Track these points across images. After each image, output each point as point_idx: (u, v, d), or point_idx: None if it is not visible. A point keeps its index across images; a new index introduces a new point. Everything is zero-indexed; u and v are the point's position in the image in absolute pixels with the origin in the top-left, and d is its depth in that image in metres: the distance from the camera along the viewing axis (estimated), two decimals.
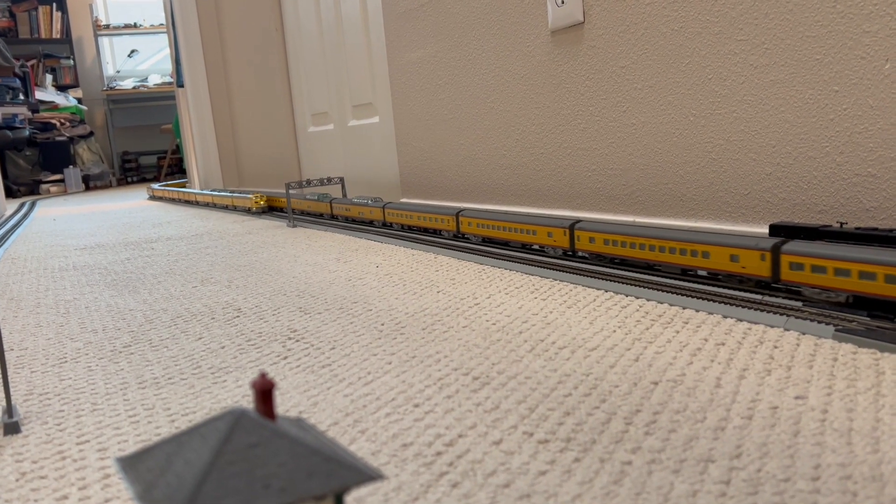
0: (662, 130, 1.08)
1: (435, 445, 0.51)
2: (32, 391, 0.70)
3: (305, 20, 2.49)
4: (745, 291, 0.80)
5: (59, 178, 5.63)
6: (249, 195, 2.37)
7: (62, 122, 5.84)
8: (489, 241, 1.27)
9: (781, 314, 0.71)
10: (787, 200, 0.91)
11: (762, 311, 0.73)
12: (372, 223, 1.68)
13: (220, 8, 3.17)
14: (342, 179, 1.97)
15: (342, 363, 0.71)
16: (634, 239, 0.92)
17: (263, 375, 0.30)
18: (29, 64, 5.81)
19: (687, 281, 0.87)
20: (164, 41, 5.95)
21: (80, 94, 6.26)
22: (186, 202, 3.12)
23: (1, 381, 0.61)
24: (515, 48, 1.38)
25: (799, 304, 0.74)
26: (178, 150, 5.64)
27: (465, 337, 0.77)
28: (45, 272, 1.46)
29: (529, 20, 1.33)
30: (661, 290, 0.85)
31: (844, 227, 0.77)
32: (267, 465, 0.28)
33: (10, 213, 3.58)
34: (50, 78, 6.11)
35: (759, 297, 0.78)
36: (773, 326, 0.71)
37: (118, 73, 6.62)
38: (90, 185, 5.88)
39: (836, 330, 0.65)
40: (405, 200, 1.89)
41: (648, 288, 0.87)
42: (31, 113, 5.60)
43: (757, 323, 0.72)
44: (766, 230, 0.88)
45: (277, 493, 0.27)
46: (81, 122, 6.01)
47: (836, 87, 0.83)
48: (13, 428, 0.59)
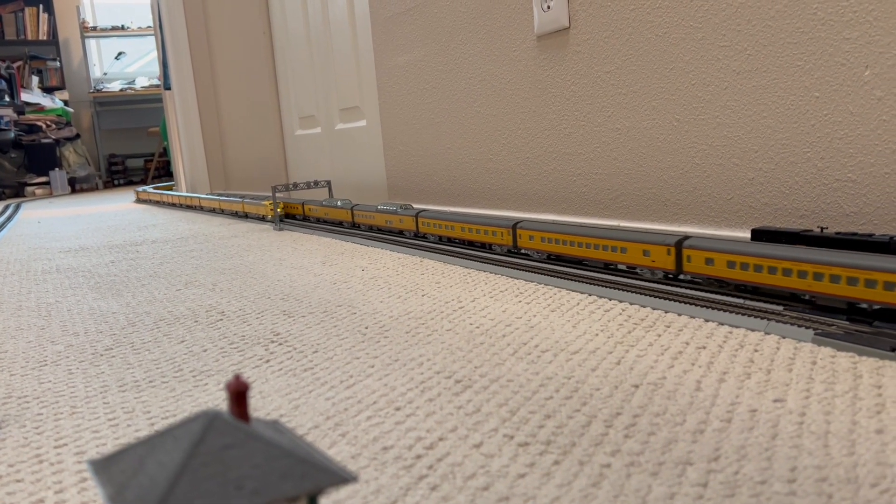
0: (646, 135, 1.08)
1: (415, 448, 0.51)
2: (11, 394, 0.69)
3: (293, 23, 2.49)
4: (726, 295, 0.80)
5: (44, 180, 5.59)
6: (263, 201, 2.13)
7: (48, 124, 5.80)
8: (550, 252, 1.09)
9: (762, 318, 0.72)
10: (769, 205, 0.92)
11: (743, 314, 0.74)
12: (402, 234, 1.49)
13: (207, 10, 3.17)
14: (329, 183, 1.97)
15: (324, 366, 0.71)
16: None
17: (238, 377, 0.30)
18: (15, 65, 5.77)
19: (669, 285, 0.87)
20: (151, 43, 5.93)
21: (66, 96, 6.22)
22: (189, 207, 2.90)
23: None
24: (502, 53, 1.39)
25: (780, 308, 0.74)
26: (165, 152, 5.61)
27: (448, 340, 0.77)
28: (28, 275, 1.45)
29: (515, 25, 1.33)
30: (643, 293, 0.86)
31: (825, 231, 0.78)
32: (240, 466, 0.28)
33: None
34: (36, 80, 6.07)
35: (740, 301, 0.78)
36: (753, 330, 0.71)
37: (105, 75, 6.58)
38: (76, 187, 5.84)
39: (815, 334, 0.66)
40: (442, 208, 1.66)
41: (631, 292, 0.87)
42: (16, 115, 5.56)
43: (738, 327, 0.73)
44: (748, 235, 0.89)
45: (250, 494, 0.27)
46: (68, 124, 5.97)
47: (816, 93, 0.84)
48: None
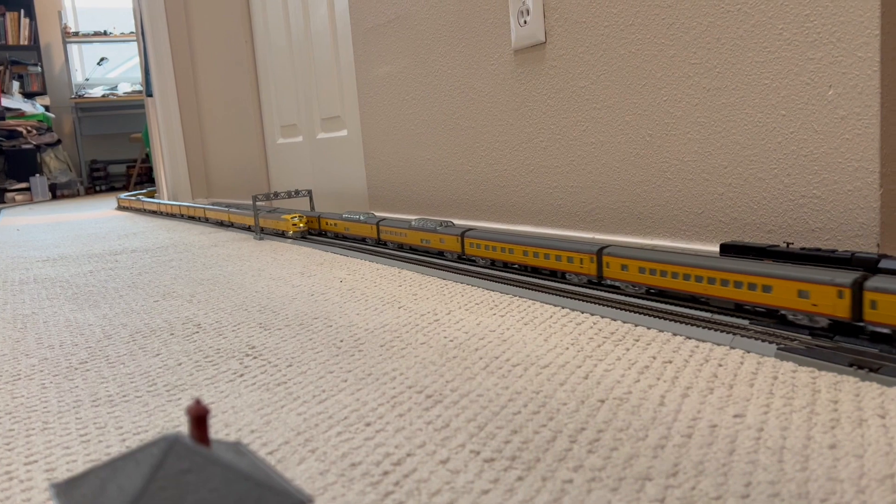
0: (620, 150, 1.10)
1: (383, 465, 0.52)
2: None
3: (275, 33, 2.49)
4: (694, 309, 0.82)
5: (24, 186, 5.54)
6: (283, 215, 1.84)
7: (29, 129, 5.75)
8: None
9: (728, 332, 0.73)
10: (738, 220, 0.93)
11: (710, 329, 0.75)
12: (441, 254, 1.31)
13: (190, 17, 3.16)
14: (310, 192, 1.97)
15: (298, 381, 0.72)
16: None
17: (198, 402, 0.31)
18: None
19: (641, 298, 0.89)
20: (134, 49, 5.90)
21: (47, 101, 6.17)
22: (191, 218, 2.67)
23: None
24: (480, 66, 1.40)
25: (745, 322, 0.76)
26: (147, 158, 5.59)
27: (422, 354, 0.78)
28: (4, 285, 1.44)
29: (493, 39, 1.35)
30: (615, 307, 0.87)
31: (790, 246, 0.80)
32: (198, 490, 0.28)
33: None
34: (17, 85, 6.02)
35: (708, 314, 0.80)
36: (719, 345, 0.73)
37: (87, 80, 6.54)
38: (57, 193, 5.79)
39: (778, 348, 0.68)
40: (488, 224, 1.44)
41: (603, 305, 0.89)
42: None
43: (705, 341, 0.74)
44: (717, 249, 0.91)
45: None
46: (49, 129, 5.92)
47: (783, 111, 0.86)
48: None
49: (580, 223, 1.20)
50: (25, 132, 5.68)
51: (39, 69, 6.23)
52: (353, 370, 0.74)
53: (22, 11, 6.11)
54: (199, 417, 0.31)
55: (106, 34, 6.42)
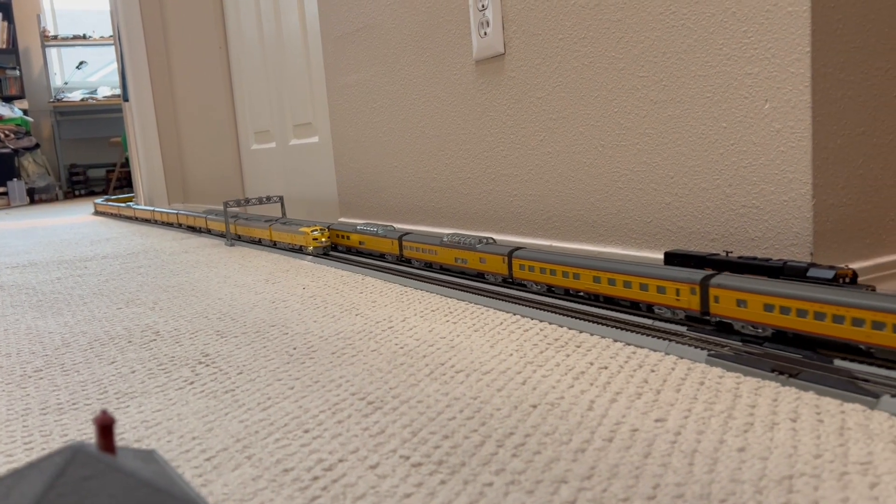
0: (575, 159, 1.12)
1: (314, 470, 0.54)
2: None
3: (249, 39, 2.51)
4: (636, 316, 0.84)
5: (2, 190, 5.50)
6: (300, 227, 1.59)
7: (7, 133, 5.71)
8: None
9: (665, 339, 0.76)
10: (684, 229, 0.96)
11: (648, 335, 0.78)
12: (482, 276, 1.11)
13: (166, 24, 3.17)
14: (282, 198, 1.99)
15: (246, 388, 0.74)
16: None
17: (104, 412, 0.33)
18: None
19: (588, 305, 0.91)
20: (114, 53, 5.88)
21: (26, 105, 6.14)
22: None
23: None
24: (444, 76, 1.42)
25: (683, 328, 0.78)
26: (127, 163, 5.57)
27: (371, 361, 0.80)
28: None
29: (456, 49, 1.37)
30: (562, 313, 0.90)
31: (729, 255, 0.82)
32: (97, 496, 0.30)
33: None
34: None
35: (649, 321, 0.82)
36: (655, 351, 0.75)
37: (66, 84, 6.51)
38: (35, 198, 5.76)
39: (708, 355, 0.70)
40: (538, 241, 1.23)
41: (552, 311, 0.91)
42: None
43: (642, 347, 0.77)
44: (662, 257, 0.94)
45: None
46: (27, 133, 5.89)
47: (724, 123, 0.89)
48: None
49: (538, 231, 1.23)
50: (3, 136, 5.65)
51: (18, 73, 6.19)
52: (301, 377, 0.76)
53: (0, 15, 6.07)
54: (104, 427, 0.32)
55: (85, 38, 6.40)
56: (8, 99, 6.10)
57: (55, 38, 6.36)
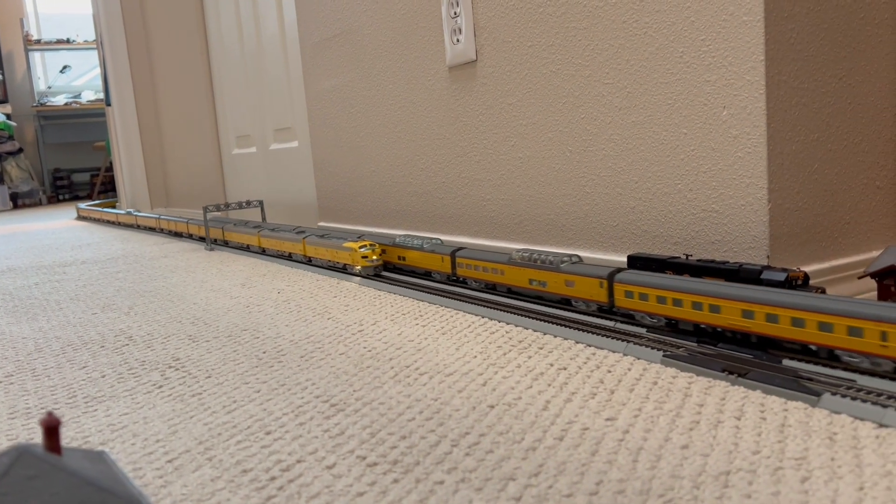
0: (544, 165, 1.14)
1: (272, 471, 0.55)
2: None
3: (229, 45, 2.52)
4: (598, 318, 0.86)
5: None
6: (345, 241, 1.34)
7: None
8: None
9: (624, 340, 0.78)
10: (648, 232, 0.98)
11: (608, 337, 0.79)
12: (567, 302, 0.93)
13: (148, 29, 3.17)
14: (261, 203, 2.00)
15: (213, 392, 0.75)
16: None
17: (50, 414, 0.34)
18: None
19: (557, 308, 0.93)
20: (97, 57, 5.86)
21: (9, 109, 6.10)
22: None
23: None
24: (419, 82, 1.44)
25: (643, 330, 0.80)
26: (111, 167, 5.54)
27: (338, 364, 0.82)
28: None
29: (430, 55, 1.39)
30: (528, 316, 0.91)
31: (689, 258, 0.84)
32: (41, 495, 0.32)
33: None
34: None
35: (611, 323, 0.84)
36: (614, 352, 0.77)
37: (50, 88, 6.48)
38: (18, 202, 5.73)
39: (663, 355, 0.72)
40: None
41: (518, 314, 0.93)
42: None
43: (602, 348, 0.79)
44: (625, 260, 0.95)
45: None
46: (10, 138, 5.86)
47: (684, 129, 0.91)
48: None
49: (511, 234, 1.25)
50: None
51: (1, 77, 6.16)
52: (268, 381, 0.77)
53: None
54: (49, 428, 0.34)
55: (69, 42, 6.37)
56: None
57: (38, 41, 6.33)
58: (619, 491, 0.48)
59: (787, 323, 0.66)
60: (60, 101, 6.32)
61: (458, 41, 1.30)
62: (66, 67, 6.50)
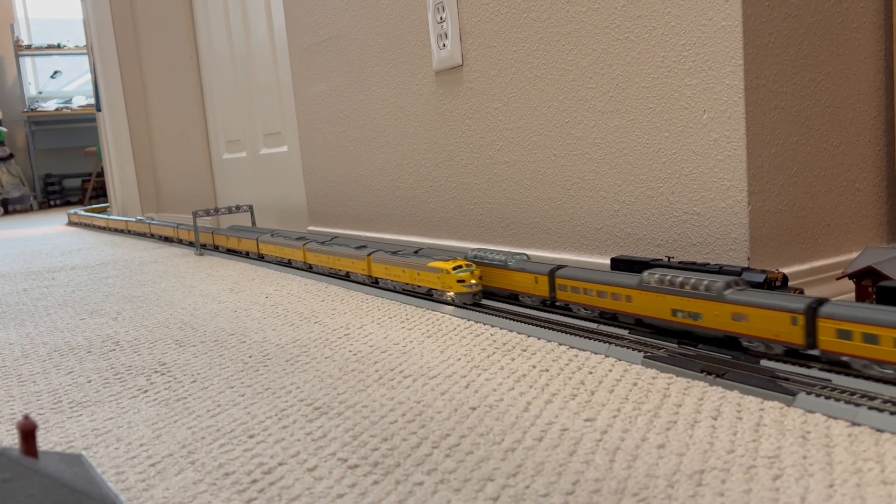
0: (530, 168, 1.15)
1: (254, 474, 0.56)
2: None
3: (219, 50, 2.52)
4: (583, 321, 0.87)
5: None
6: (431, 261, 1.08)
7: None
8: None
9: (606, 342, 0.79)
10: (631, 235, 0.99)
11: (590, 339, 0.80)
12: (689, 335, 0.75)
13: (138, 34, 3.17)
14: (251, 207, 2.00)
15: (198, 396, 0.75)
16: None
17: (27, 418, 0.35)
18: None
19: (540, 311, 0.94)
20: (88, 62, 5.85)
21: None
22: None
23: None
24: (406, 87, 1.45)
25: (625, 332, 0.81)
26: (102, 173, 5.53)
27: (323, 368, 0.82)
28: None
29: (417, 60, 1.40)
30: (514, 319, 0.92)
31: (671, 260, 0.85)
32: (16, 496, 0.32)
33: None
34: None
35: (594, 325, 0.85)
36: (596, 353, 0.78)
37: (40, 94, 6.47)
38: (9, 208, 5.71)
39: (644, 356, 0.73)
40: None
41: (504, 317, 0.93)
42: None
43: (584, 350, 0.79)
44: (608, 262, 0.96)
45: None
46: (1, 144, 5.84)
47: (666, 133, 0.92)
48: None
49: (498, 238, 1.25)
50: None
51: None
52: (252, 385, 0.78)
53: None
54: (26, 432, 0.34)
55: (60, 47, 6.36)
56: None
57: (29, 47, 6.32)
58: (594, 490, 0.49)
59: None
60: (51, 106, 6.31)
61: (444, 46, 1.31)
62: (56, 72, 6.49)
